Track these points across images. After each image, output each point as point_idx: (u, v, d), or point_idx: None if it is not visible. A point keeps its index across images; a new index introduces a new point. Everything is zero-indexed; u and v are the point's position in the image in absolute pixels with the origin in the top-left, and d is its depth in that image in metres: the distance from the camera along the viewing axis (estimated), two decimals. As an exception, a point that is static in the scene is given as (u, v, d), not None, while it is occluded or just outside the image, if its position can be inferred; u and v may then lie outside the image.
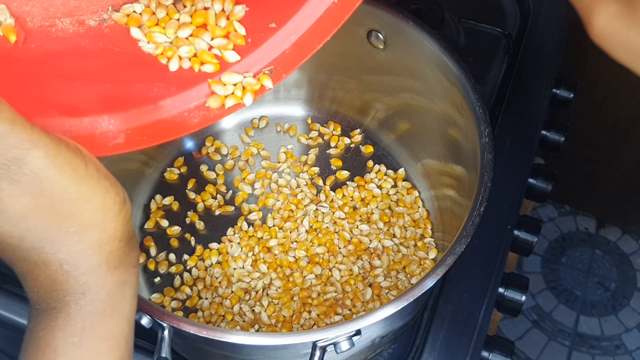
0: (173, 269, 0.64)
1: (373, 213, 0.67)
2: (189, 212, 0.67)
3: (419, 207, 0.67)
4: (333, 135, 0.73)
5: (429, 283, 0.47)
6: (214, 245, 0.65)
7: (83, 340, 0.33)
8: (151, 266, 0.64)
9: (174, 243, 0.65)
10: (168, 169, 0.70)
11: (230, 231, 0.66)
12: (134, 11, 0.41)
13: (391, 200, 0.68)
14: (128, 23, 0.41)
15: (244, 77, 0.40)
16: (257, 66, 0.41)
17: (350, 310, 0.61)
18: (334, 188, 0.69)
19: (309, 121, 0.74)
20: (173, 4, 0.42)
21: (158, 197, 0.68)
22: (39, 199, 0.30)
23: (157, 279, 0.63)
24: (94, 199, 0.32)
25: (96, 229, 0.32)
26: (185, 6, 0.42)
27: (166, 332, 0.47)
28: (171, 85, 0.40)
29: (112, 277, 0.33)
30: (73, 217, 0.31)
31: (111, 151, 0.38)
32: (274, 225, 0.66)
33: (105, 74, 0.40)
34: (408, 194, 0.68)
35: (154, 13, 0.42)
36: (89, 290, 0.33)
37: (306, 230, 0.65)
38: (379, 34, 0.62)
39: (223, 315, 0.61)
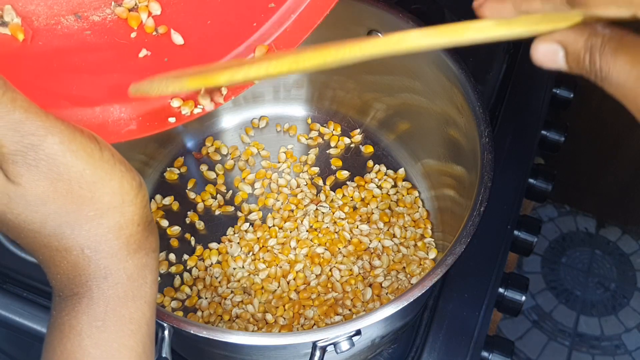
0: (173, 269, 0.64)
1: (373, 213, 0.67)
2: (189, 212, 0.67)
3: (419, 207, 0.67)
4: (333, 135, 0.73)
5: (429, 283, 0.47)
6: (213, 245, 0.65)
7: (107, 324, 0.33)
8: (151, 266, 0.64)
9: (174, 243, 0.65)
10: (168, 169, 0.70)
11: (230, 231, 0.66)
12: (136, 4, 0.42)
13: (391, 200, 0.68)
14: (128, 21, 0.41)
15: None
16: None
17: (350, 310, 0.61)
18: (334, 188, 0.69)
19: (309, 121, 0.74)
20: None
21: (158, 197, 0.68)
22: (57, 184, 0.31)
23: (157, 279, 0.63)
24: (111, 182, 0.32)
25: (115, 213, 0.33)
26: None
27: (166, 332, 0.47)
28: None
29: (133, 261, 0.34)
30: (92, 201, 0.32)
31: (125, 137, 0.39)
32: (273, 225, 0.66)
33: (112, 65, 0.41)
34: (408, 194, 0.68)
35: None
36: (111, 274, 0.33)
37: (306, 230, 0.65)
38: (379, 34, 0.62)
39: (221, 315, 0.61)
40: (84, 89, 0.39)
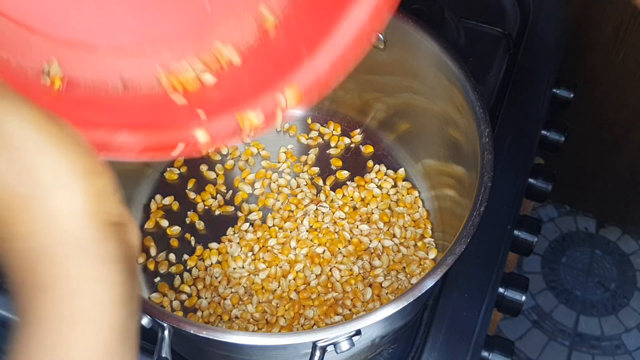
0: (173, 269, 0.64)
1: (373, 213, 0.67)
2: (189, 212, 0.67)
3: (419, 207, 0.67)
4: (333, 135, 0.73)
5: (429, 283, 0.47)
6: (213, 245, 0.65)
7: (55, 354, 0.28)
8: (151, 266, 0.64)
9: (174, 243, 0.65)
10: (168, 168, 0.70)
11: (230, 231, 0.66)
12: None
13: (391, 200, 0.68)
14: (176, 86, 0.41)
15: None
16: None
17: (350, 310, 0.61)
18: (334, 188, 0.69)
19: (309, 121, 0.74)
20: None
21: (158, 197, 0.68)
22: None
23: (157, 279, 0.63)
24: (60, 161, 0.28)
25: (56, 198, 0.27)
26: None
27: (166, 332, 0.47)
28: (205, 114, 0.40)
29: (79, 269, 0.28)
30: (31, 177, 0.27)
31: (120, 157, 0.38)
32: (273, 225, 0.66)
33: (139, 109, 0.40)
34: (408, 194, 0.68)
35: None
36: (53, 285, 0.28)
37: (306, 230, 0.65)
38: (379, 34, 0.62)
39: (221, 315, 0.61)
40: (99, 119, 0.38)
